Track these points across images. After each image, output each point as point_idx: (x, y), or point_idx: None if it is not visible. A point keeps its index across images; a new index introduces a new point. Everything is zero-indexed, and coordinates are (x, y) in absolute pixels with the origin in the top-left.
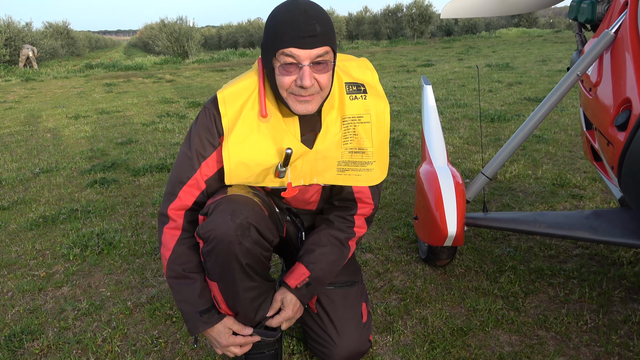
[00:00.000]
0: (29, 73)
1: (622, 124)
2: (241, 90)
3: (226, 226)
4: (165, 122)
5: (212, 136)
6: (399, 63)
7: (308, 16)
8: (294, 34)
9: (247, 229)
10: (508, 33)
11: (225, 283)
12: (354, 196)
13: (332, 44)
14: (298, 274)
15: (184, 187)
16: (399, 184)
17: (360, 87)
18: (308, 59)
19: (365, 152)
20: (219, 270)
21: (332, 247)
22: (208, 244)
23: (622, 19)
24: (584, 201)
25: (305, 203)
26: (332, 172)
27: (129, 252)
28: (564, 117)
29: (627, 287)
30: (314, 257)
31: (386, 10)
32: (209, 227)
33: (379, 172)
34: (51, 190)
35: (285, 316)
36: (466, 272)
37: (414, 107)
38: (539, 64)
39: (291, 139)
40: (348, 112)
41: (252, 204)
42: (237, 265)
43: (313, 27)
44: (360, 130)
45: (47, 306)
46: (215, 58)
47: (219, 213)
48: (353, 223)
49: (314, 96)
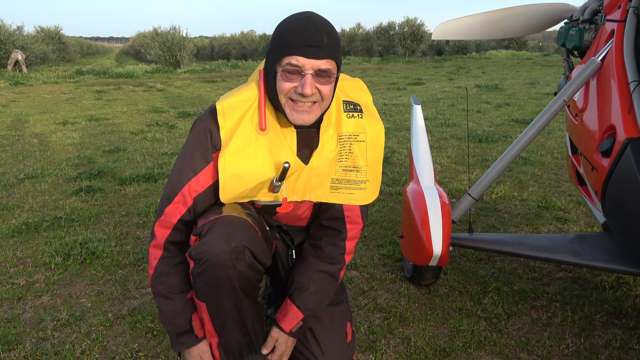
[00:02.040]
0: (18, 77)
1: (607, 150)
2: (241, 102)
3: (220, 249)
4: (155, 131)
5: (205, 150)
6: (390, 80)
7: (317, 27)
8: (301, 42)
9: (242, 252)
10: (498, 55)
11: (214, 304)
12: (343, 215)
13: (337, 59)
14: (292, 317)
15: (170, 204)
16: (386, 201)
17: (357, 107)
18: (312, 68)
19: (359, 170)
20: (209, 292)
21: (322, 282)
22: (200, 266)
23: (609, 48)
24: (569, 224)
25: (297, 219)
26: (325, 189)
27: (112, 262)
28: (550, 140)
29: (608, 312)
30: (307, 298)
31: (379, 28)
32: (202, 249)
33: (372, 191)
34: (35, 197)
35: (279, 353)
36: (450, 292)
37: (403, 125)
38: (527, 87)
39: (288, 152)
40: (345, 130)
41: (247, 226)
42: (229, 289)
43: (321, 38)
44: (355, 148)
45: (25, 315)
46: (207, 69)
47: (213, 235)
48: (344, 250)
49: (314, 106)
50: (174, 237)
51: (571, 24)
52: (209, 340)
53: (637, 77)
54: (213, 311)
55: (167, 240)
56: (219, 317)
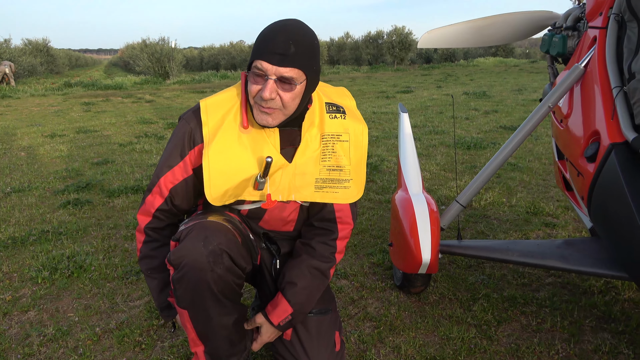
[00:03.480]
0: (5, 90)
1: (592, 155)
2: (224, 101)
3: (198, 252)
4: (143, 142)
5: (182, 146)
6: (379, 89)
7: (288, 36)
8: (267, 49)
9: (220, 255)
10: (485, 62)
11: (196, 311)
12: (334, 215)
13: (304, 68)
14: (280, 310)
15: (149, 194)
16: (375, 209)
17: (340, 109)
18: (274, 74)
19: (342, 169)
20: (189, 297)
21: (313, 279)
22: (179, 271)
23: (591, 54)
24: (557, 229)
25: (283, 222)
26: (309, 189)
27: (100, 275)
28: (538, 145)
29: (597, 317)
30: (297, 292)
31: (367, 37)
32: (180, 254)
33: (356, 190)
34: (22, 211)
35: (262, 342)
36: (440, 300)
37: (392, 133)
38: (514, 93)
39: (271, 149)
40: (327, 130)
41: (225, 230)
42: (208, 293)
43: (287, 46)
44: (338, 148)
45: (11, 331)
46: (196, 79)
47: (191, 239)
48: (335, 249)
49: (275, 110)
50: (153, 224)
51: (554, 31)
52: (194, 350)
53: (620, 83)
54: (195, 317)
55: (147, 227)
56: (201, 324)
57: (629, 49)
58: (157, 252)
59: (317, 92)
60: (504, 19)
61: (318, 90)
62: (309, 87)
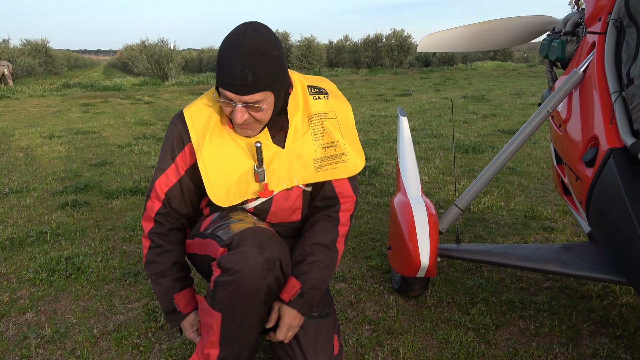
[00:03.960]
0: (3, 90)
1: (590, 160)
2: (206, 105)
3: (254, 259)
4: (142, 144)
5: (172, 149)
6: (378, 92)
7: (242, 64)
8: (227, 80)
9: (273, 263)
10: (484, 66)
11: (232, 315)
12: (335, 192)
13: (268, 87)
14: (289, 287)
15: (149, 200)
16: (374, 212)
17: (322, 90)
18: (240, 101)
19: (337, 144)
20: (230, 302)
21: (319, 254)
22: (228, 275)
23: (590, 59)
24: (555, 234)
25: (290, 211)
26: (310, 170)
27: (98, 277)
28: (536, 149)
29: (595, 321)
30: (303, 268)
31: (366, 40)
32: (235, 259)
33: (357, 159)
34: (20, 212)
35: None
36: (438, 304)
37: (390, 136)
38: (513, 97)
39: (262, 139)
40: (313, 110)
41: (277, 238)
42: (253, 300)
43: (245, 76)
44: (328, 125)
45: (9, 333)
46: (195, 81)
47: (246, 246)
48: (338, 221)
49: (251, 125)
50: (156, 229)
51: (553, 36)
52: (208, 351)
53: (618, 88)
54: (228, 322)
55: (151, 232)
56: (232, 329)
57: (628, 55)
58: (161, 258)
59: (298, 77)
60: (503, 24)
61: (298, 76)
62: (278, 96)
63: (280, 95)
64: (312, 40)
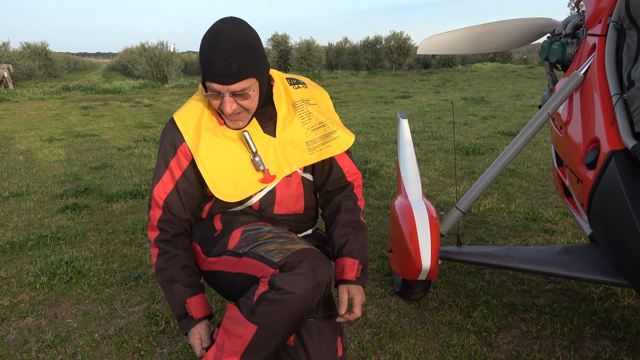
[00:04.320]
0: (3, 93)
1: (591, 162)
2: (194, 108)
3: (308, 282)
4: (142, 147)
5: (165, 155)
6: (377, 94)
7: (225, 56)
8: (213, 73)
9: (323, 286)
10: (483, 67)
11: (268, 330)
12: (342, 172)
13: (252, 74)
14: (349, 266)
15: (150, 210)
16: (374, 215)
17: (300, 81)
18: (227, 91)
19: (325, 124)
20: (272, 318)
21: (356, 231)
22: (280, 294)
23: (591, 61)
24: (556, 236)
25: (294, 199)
26: (304, 154)
27: (99, 281)
28: (536, 151)
29: (597, 323)
30: (350, 246)
31: (365, 42)
32: (291, 280)
33: (346, 136)
34: (20, 215)
35: (359, 302)
36: (440, 306)
37: (390, 138)
38: (513, 99)
39: (253, 131)
40: (296, 98)
41: (326, 260)
42: (294, 319)
43: (229, 66)
44: (311, 109)
45: (9, 337)
46: (194, 84)
47: (303, 268)
48: (356, 197)
49: (241, 115)
50: (161, 236)
51: (554, 38)
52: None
53: (619, 90)
54: (261, 335)
55: (157, 240)
56: (262, 343)
57: (629, 57)
58: (170, 263)
59: (275, 72)
60: (503, 26)
61: (275, 72)
62: (262, 83)
63: (264, 82)
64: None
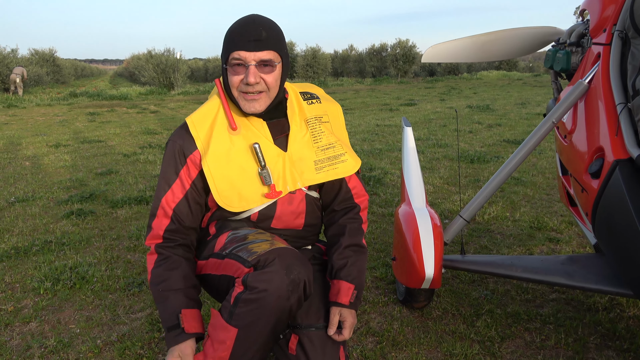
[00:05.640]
0: (11, 99)
1: (596, 171)
2: (207, 112)
3: (281, 279)
4: (147, 153)
5: (175, 164)
6: (383, 101)
7: (256, 24)
8: (241, 39)
9: (298, 285)
10: (489, 75)
11: (248, 332)
12: (351, 193)
13: (278, 50)
14: (345, 290)
15: (155, 218)
16: (378, 222)
17: (314, 95)
18: (254, 60)
19: (334, 146)
20: (250, 319)
21: (356, 255)
22: (254, 293)
23: (595, 70)
24: (561, 245)
25: (294, 215)
26: (311, 172)
27: (102, 287)
28: (541, 160)
29: (602, 334)
30: (348, 270)
31: (371, 49)
32: (263, 278)
33: (353, 161)
34: (25, 221)
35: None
36: (443, 315)
37: (395, 146)
38: (518, 107)
39: (264, 142)
40: (309, 114)
41: (303, 258)
42: (272, 319)
43: (259, 32)
44: (324, 128)
45: (12, 342)
46: (200, 90)
47: (274, 266)
48: (361, 220)
49: (261, 94)
50: (166, 244)
51: (558, 47)
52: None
53: (624, 99)
54: (243, 338)
55: (159, 246)
56: (244, 346)
57: (633, 66)
58: (172, 272)
59: (289, 85)
60: (508, 35)
61: (289, 85)
62: (284, 70)
63: (285, 74)
64: (318, 50)
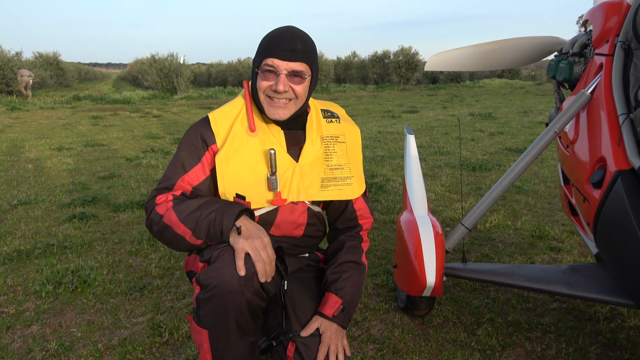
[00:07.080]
0: (15, 102)
1: (598, 181)
2: (230, 111)
3: (230, 274)
4: (150, 157)
5: (197, 150)
6: (385, 108)
7: (294, 35)
8: (277, 47)
9: (250, 279)
10: (491, 83)
11: (218, 332)
12: (356, 215)
13: (310, 63)
14: (331, 303)
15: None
16: (380, 229)
17: (334, 114)
18: (285, 69)
19: (343, 168)
20: (214, 319)
21: (351, 270)
22: (207, 291)
23: (598, 81)
24: (562, 254)
25: (294, 225)
26: (316, 188)
27: (104, 291)
28: (543, 168)
29: (603, 344)
30: (341, 284)
31: (374, 56)
32: (212, 274)
33: (357, 186)
34: (28, 224)
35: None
36: (444, 323)
37: (397, 153)
38: (520, 115)
39: (279, 149)
40: (326, 132)
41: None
42: (233, 315)
43: (295, 43)
44: (338, 148)
45: (14, 345)
46: (203, 95)
47: (223, 261)
48: (361, 239)
49: (288, 103)
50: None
51: (561, 57)
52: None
53: (626, 110)
54: (215, 338)
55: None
56: (220, 345)
57: (635, 77)
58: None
59: (312, 101)
60: (511, 44)
61: (312, 100)
62: (312, 84)
63: (312, 88)
64: (320, 56)
